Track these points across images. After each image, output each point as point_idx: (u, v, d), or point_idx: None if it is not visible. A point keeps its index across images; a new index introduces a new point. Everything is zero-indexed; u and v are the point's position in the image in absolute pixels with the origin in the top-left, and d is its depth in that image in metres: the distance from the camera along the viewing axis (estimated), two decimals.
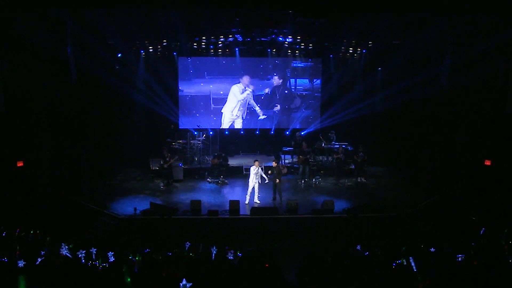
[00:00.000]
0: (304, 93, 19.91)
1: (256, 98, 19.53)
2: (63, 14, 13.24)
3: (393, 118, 18.38)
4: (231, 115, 19.42)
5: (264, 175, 13.94)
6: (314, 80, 19.77)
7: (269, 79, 19.55)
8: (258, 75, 19.52)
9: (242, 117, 19.55)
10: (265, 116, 19.58)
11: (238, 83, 19.20)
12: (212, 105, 19.45)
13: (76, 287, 5.84)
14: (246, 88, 19.21)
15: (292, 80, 19.83)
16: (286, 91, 19.73)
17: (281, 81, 19.54)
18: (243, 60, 19.14)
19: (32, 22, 12.63)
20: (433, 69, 15.70)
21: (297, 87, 19.92)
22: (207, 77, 19.28)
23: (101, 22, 14.44)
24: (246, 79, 19.15)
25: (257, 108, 19.41)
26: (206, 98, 19.40)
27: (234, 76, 19.29)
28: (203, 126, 18.67)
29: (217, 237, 11.73)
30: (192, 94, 19.34)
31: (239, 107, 19.35)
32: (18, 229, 9.57)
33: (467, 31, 13.93)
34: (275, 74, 19.47)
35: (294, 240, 12.20)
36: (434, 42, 15.44)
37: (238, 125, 19.62)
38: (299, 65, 19.64)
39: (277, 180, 13.88)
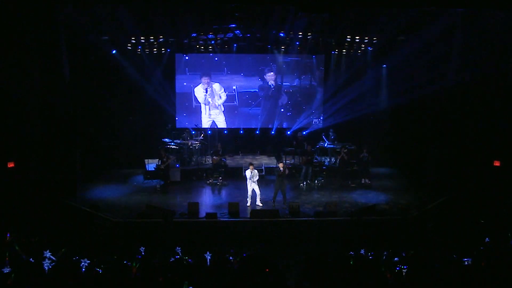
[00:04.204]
0: (304, 91, 19.49)
1: (253, 95, 19.18)
2: (56, 9, 12.92)
3: (398, 117, 17.99)
4: (207, 116, 19.14)
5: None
6: (315, 77, 19.36)
7: (265, 76, 19.19)
8: (257, 72, 19.15)
9: (225, 115, 19.21)
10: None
11: (200, 84, 18.87)
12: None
13: None
14: (207, 89, 18.80)
15: (291, 77, 19.41)
16: (284, 89, 19.38)
17: (274, 77, 19.15)
18: (241, 57, 18.75)
19: (23, 17, 12.29)
20: (440, 66, 15.25)
21: (299, 85, 19.52)
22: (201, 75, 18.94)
23: (95, 17, 14.10)
24: (205, 79, 18.77)
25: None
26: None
27: (232, 74, 18.91)
28: (200, 125, 18.28)
29: (216, 240, 11.34)
30: (189, 92, 18.98)
31: (210, 107, 19.05)
32: (8, 233, 9.18)
33: (475, 25, 13.52)
34: (270, 70, 19.11)
35: (296, 244, 11.81)
36: (441, 37, 14.99)
37: (221, 124, 19.26)
38: (298, 61, 19.24)
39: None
